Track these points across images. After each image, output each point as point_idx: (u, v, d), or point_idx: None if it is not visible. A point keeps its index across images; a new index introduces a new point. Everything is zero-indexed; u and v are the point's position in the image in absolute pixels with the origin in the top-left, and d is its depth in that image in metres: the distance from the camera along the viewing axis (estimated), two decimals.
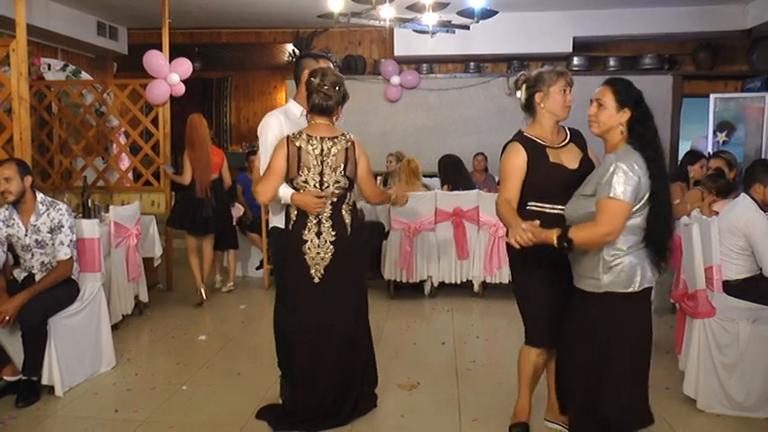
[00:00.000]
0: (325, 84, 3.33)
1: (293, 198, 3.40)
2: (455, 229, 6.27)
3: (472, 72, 9.83)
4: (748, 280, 4.04)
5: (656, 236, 2.75)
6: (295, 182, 3.41)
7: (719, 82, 9.81)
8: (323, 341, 3.46)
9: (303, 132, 3.41)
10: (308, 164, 3.38)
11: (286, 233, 3.50)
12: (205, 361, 4.61)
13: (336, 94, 3.38)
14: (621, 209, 2.67)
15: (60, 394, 3.91)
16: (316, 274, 3.44)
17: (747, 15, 8.61)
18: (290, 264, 3.48)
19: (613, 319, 2.78)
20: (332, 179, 3.41)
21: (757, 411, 3.60)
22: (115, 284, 5.18)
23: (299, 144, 3.37)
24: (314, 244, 3.43)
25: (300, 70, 3.72)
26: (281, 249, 3.56)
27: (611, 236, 2.69)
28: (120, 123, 7.19)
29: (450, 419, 3.66)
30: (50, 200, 4.13)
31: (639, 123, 2.77)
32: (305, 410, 3.48)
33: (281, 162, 3.37)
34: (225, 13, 8.94)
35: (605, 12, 8.92)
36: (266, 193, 3.40)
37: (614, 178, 2.67)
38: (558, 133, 3.16)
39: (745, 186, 4.23)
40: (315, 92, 3.35)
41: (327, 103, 3.37)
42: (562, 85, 3.09)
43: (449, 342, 5.05)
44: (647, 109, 2.80)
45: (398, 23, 6.04)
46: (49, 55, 8.36)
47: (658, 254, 2.78)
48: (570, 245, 2.71)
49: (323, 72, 3.38)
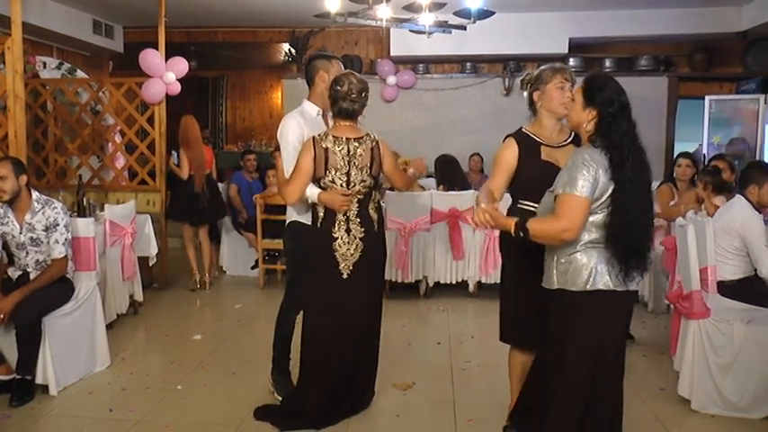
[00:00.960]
0: (352, 92, 3.44)
1: (320, 197, 3.47)
2: (450, 229, 6.27)
3: (468, 72, 9.83)
4: (743, 281, 4.06)
5: (616, 241, 2.59)
6: (322, 181, 3.48)
7: (715, 84, 9.82)
8: (344, 336, 3.53)
9: (329, 134, 3.49)
10: (336, 164, 3.46)
11: (314, 231, 3.55)
12: (200, 360, 4.61)
13: (362, 99, 3.50)
14: (579, 204, 2.56)
15: (54, 393, 3.90)
16: (345, 269, 3.51)
17: (742, 18, 8.64)
18: (319, 260, 3.53)
19: (564, 318, 2.70)
20: (358, 178, 3.50)
21: (751, 412, 3.61)
22: (110, 283, 5.16)
23: (326, 145, 3.45)
24: (344, 240, 3.50)
25: (314, 71, 3.77)
26: (308, 246, 3.60)
27: (569, 233, 2.58)
28: (115, 122, 7.17)
29: (445, 419, 3.66)
30: (46, 198, 4.12)
31: (605, 125, 2.62)
32: (314, 406, 3.51)
33: (309, 163, 3.44)
34: (221, 12, 8.93)
35: (601, 13, 8.93)
36: (294, 193, 3.48)
37: (571, 173, 2.59)
38: (559, 132, 3.14)
39: (741, 188, 4.25)
40: (342, 99, 3.45)
41: (353, 108, 3.49)
42: (558, 82, 3.07)
43: (444, 342, 5.05)
44: (619, 112, 2.61)
45: (395, 23, 6.04)
46: (45, 53, 8.33)
47: (622, 259, 2.59)
48: (526, 235, 2.66)
49: (348, 79, 3.47)
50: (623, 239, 2.58)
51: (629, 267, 2.60)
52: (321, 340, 3.52)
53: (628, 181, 2.56)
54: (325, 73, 3.73)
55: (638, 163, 2.61)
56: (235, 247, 7.47)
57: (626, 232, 2.58)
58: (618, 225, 2.58)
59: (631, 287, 2.67)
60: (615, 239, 2.59)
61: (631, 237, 2.59)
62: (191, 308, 6.10)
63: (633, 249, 2.60)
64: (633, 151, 2.60)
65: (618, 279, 2.62)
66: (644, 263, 2.64)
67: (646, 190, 2.67)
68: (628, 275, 2.61)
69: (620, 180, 2.56)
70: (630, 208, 2.56)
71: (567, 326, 2.69)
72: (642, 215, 2.63)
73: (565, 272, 2.67)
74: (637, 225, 2.59)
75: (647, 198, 2.68)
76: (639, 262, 2.62)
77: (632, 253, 2.60)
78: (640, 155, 2.63)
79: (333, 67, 3.76)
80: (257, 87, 14.51)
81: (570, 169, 2.61)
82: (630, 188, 2.57)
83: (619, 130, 2.59)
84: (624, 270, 2.60)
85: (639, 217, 2.60)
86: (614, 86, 2.67)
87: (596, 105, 2.65)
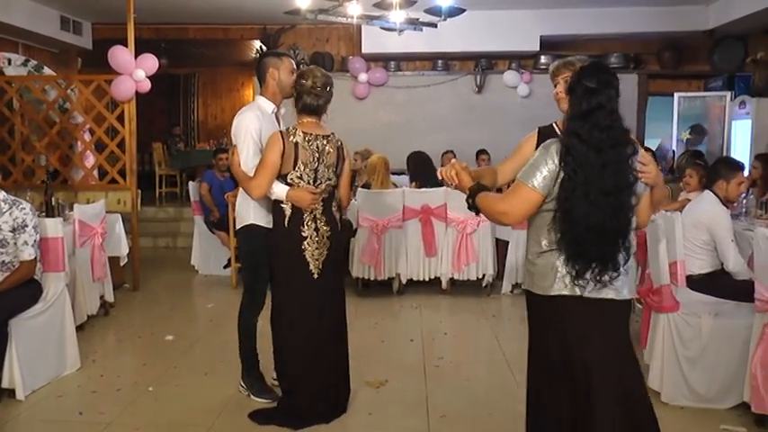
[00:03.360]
0: (317, 85, 3.44)
1: (289, 194, 3.44)
2: (423, 226, 6.29)
3: (440, 70, 9.86)
4: (710, 275, 4.13)
5: (565, 242, 2.36)
6: (289, 177, 3.45)
7: (683, 81, 10.00)
8: (321, 336, 3.54)
9: (298, 129, 3.46)
10: (305, 160, 3.43)
11: (281, 230, 3.51)
12: (172, 361, 4.56)
13: (327, 94, 3.52)
14: (528, 195, 2.40)
15: (22, 397, 3.82)
16: (315, 269, 3.50)
17: (709, 16, 8.79)
18: (287, 261, 3.50)
19: (532, 319, 2.61)
20: (325, 176, 3.50)
21: (718, 403, 3.68)
22: (80, 284, 5.08)
23: (296, 140, 3.42)
24: (313, 239, 3.49)
25: (264, 68, 3.77)
26: (275, 247, 3.56)
27: (506, 217, 2.46)
28: (84, 120, 7.07)
29: (418, 416, 3.67)
30: (13, 198, 4.01)
31: (572, 119, 2.42)
32: (308, 406, 3.53)
33: (276, 158, 3.41)
34: (192, 8, 8.85)
35: (572, 11, 9.02)
36: (261, 187, 3.44)
37: (534, 163, 2.43)
38: None
39: (709, 183, 4.31)
40: (306, 93, 3.45)
41: (318, 103, 3.48)
42: (564, 77, 2.88)
43: (417, 339, 5.06)
44: (583, 96, 2.36)
45: (366, 21, 6.04)
46: (10, 49, 8.18)
47: (569, 261, 2.36)
48: (473, 202, 2.59)
49: (313, 73, 3.47)
50: (567, 240, 2.36)
51: (582, 271, 2.35)
52: (300, 341, 3.51)
53: (578, 183, 2.32)
54: (275, 70, 3.73)
55: (598, 156, 2.32)
56: (206, 247, 7.40)
57: (567, 230, 2.35)
58: (562, 223, 2.36)
59: (604, 294, 2.37)
60: (562, 240, 2.37)
61: (575, 237, 2.34)
62: (162, 308, 6.03)
63: (580, 251, 2.34)
64: (592, 143, 2.32)
65: (580, 284, 2.37)
66: (601, 267, 2.34)
67: (607, 190, 2.32)
68: (582, 279, 2.35)
69: (570, 179, 2.33)
70: (572, 208, 2.33)
71: (533, 326, 2.61)
72: (595, 214, 2.31)
73: (532, 273, 2.50)
74: (581, 224, 2.32)
75: (606, 197, 2.32)
76: (592, 266, 2.34)
77: (579, 255, 2.34)
78: (602, 149, 2.32)
79: (283, 64, 3.76)
80: (229, 85, 14.43)
81: (536, 158, 2.44)
82: (578, 182, 2.32)
83: (586, 129, 2.33)
84: (579, 274, 2.35)
85: (588, 216, 2.31)
86: (588, 70, 2.42)
87: (570, 93, 2.45)
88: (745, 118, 8.03)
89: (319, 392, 3.55)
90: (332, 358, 3.60)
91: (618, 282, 2.39)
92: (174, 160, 11.51)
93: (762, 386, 3.29)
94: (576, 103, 2.40)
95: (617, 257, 2.37)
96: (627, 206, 2.37)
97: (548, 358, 2.51)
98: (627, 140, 2.41)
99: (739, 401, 3.60)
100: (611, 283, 2.37)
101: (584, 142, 2.33)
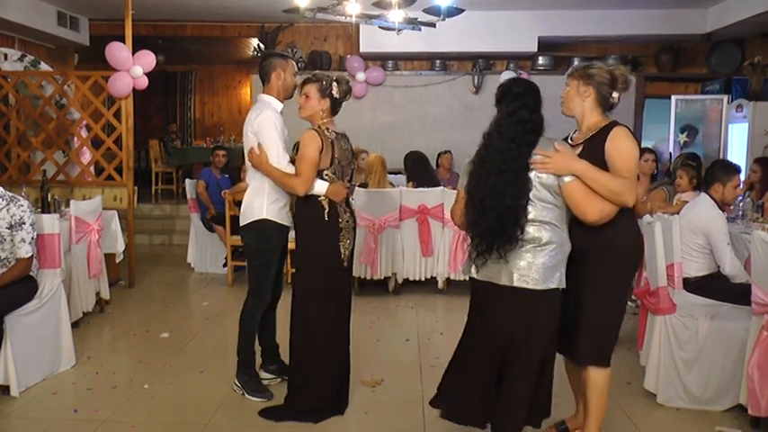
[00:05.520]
0: (350, 92, 3.73)
1: (328, 189, 3.55)
2: (420, 226, 6.28)
3: (438, 70, 9.86)
4: (707, 277, 4.14)
5: (467, 221, 2.82)
6: (325, 173, 3.57)
7: (680, 84, 10.03)
8: (342, 323, 3.69)
9: (329, 128, 3.63)
10: (339, 157, 3.62)
11: (321, 223, 3.58)
12: (168, 359, 4.55)
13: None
14: (457, 200, 2.96)
15: (16, 394, 3.81)
16: (345, 258, 3.65)
17: (707, 20, 8.82)
18: (327, 252, 3.60)
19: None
20: (348, 172, 3.73)
21: (714, 404, 3.69)
22: (75, 281, 5.07)
23: (332, 138, 3.58)
24: (347, 230, 3.65)
25: (271, 68, 3.79)
26: (313, 239, 3.61)
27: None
28: (81, 116, 7.04)
29: (414, 416, 3.67)
30: (11, 195, 3.99)
31: (500, 118, 2.83)
32: (324, 395, 3.61)
33: (317, 153, 3.52)
34: (189, 5, 8.83)
35: (571, 12, 9.03)
36: (307, 183, 3.52)
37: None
38: (582, 131, 3.02)
39: (706, 186, 4.32)
40: (343, 96, 3.69)
41: (341, 104, 3.73)
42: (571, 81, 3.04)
43: (413, 339, 5.06)
44: (504, 120, 2.77)
45: (364, 20, 6.03)
46: (6, 45, 8.15)
47: (473, 245, 2.80)
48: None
49: (346, 79, 3.73)
50: (468, 220, 2.81)
51: (474, 252, 2.79)
52: (329, 326, 3.62)
53: (474, 176, 2.79)
54: (282, 71, 3.78)
55: (494, 150, 2.74)
56: (202, 244, 7.39)
57: (467, 216, 2.82)
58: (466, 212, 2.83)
59: (480, 276, 2.84)
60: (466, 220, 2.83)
61: (471, 220, 2.79)
62: (158, 306, 6.02)
63: (475, 230, 2.78)
64: (492, 138, 2.76)
65: (476, 264, 2.83)
66: (484, 246, 2.74)
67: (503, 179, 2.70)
68: (473, 258, 2.81)
69: (471, 175, 2.81)
70: (473, 194, 2.79)
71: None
72: (483, 200, 2.73)
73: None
74: (475, 208, 2.76)
75: (494, 185, 2.71)
76: (475, 242, 2.79)
77: (474, 233, 2.78)
78: (499, 141, 2.73)
79: (288, 65, 3.83)
80: (226, 82, 14.41)
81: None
82: (477, 175, 2.78)
83: (492, 129, 2.79)
84: (471, 254, 2.82)
85: (479, 200, 2.75)
86: (517, 80, 2.90)
87: (501, 100, 2.88)
88: (741, 121, 8.05)
89: (334, 383, 3.63)
90: (346, 344, 3.73)
91: (496, 266, 2.76)
92: (170, 157, 11.48)
93: (758, 388, 3.30)
94: (505, 106, 2.80)
95: (500, 238, 2.69)
96: (514, 186, 2.69)
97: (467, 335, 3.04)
98: (537, 132, 2.76)
99: (735, 403, 3.62)
100: (486, 265, 2.78)
101: (501, 135, 2.73)
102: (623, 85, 2.95)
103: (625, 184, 2.76)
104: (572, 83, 2.99)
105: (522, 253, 2.72)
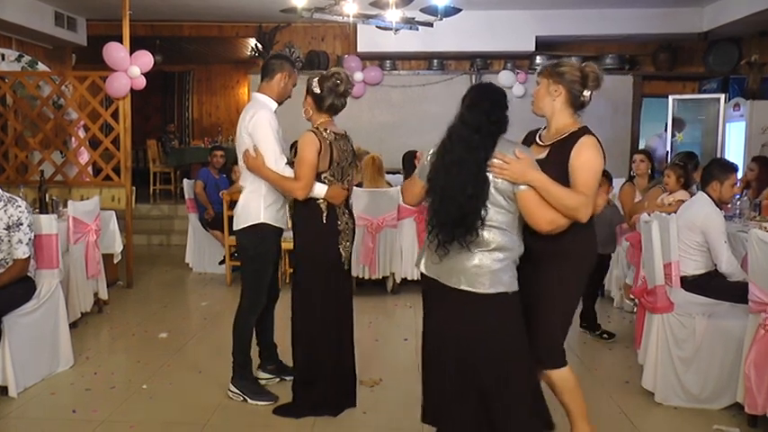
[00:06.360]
0: (348, 90, 3.59)
1: (327, 192, 3.52)
2: (418, 225, 6.28)
3: (435, 69, 9.87)
4: (704, 276, 4.14)
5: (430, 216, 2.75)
6: (323, 176, 3.53)
7: (678, 83, 10.04)
8: (347, 322, 3.70)
9: (327, 129, 3.56)
10: (338, 159, 3.57)
11: (320, 226, 3.57)
12: (166, 359, 4.55)
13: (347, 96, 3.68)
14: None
15: (14, 395, 3.80)
16: (345, 260, 3.66)
17: (704, 19, 8.83)
18: (326, 254, 3.59)
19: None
20: (347, 173, 3.68)
21: (711, 403, 3.70)
22: (74, 281, 5.07)
23: (330, 140, 3.53)
24: (345, 232, 3.63)
25: (279, 69, 3.76)
26: (313, 242, 3.60)
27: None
28: (78, 116, 7.04)
29: (412, 416, 3.65)
30: (9, 196, 3.99)
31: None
32: (335, 391, 3.64)
33: (315, 156, 3.48)
34: (187, 5, 8.82)
35: (568, 11, 9.04)
36: (309, 186, 3.50)
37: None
38: (551, 132, 2.93)
39: (703, 184, 4.33)
40: (337, 95, 3.56)
41: (341, 104, 3.62)
42: (541, 79, 2.97)
43: (411, 338, 5.05)
44: (468, 112, 2.73)
45: (362, 19, 6.03)
46: (3, 45, 8.14)
47: (434, 234, 2.72)
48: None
49: (341, 76, 3.57)
50: (429, 214, 2.76)
51: (435, 243, 2.72)
52: (331, 327, 3.63)
53: (438, 156, 2.75)
54: (287, 77, 3.77)
55: (457, 139, 2.71)
56: (201, 244, 7.39)
57: (429, 207, 2.76)
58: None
59: (429, 272, 2.86)
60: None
61: (432, 209, 2.73)
62: (156, 306, 6.02)
63: (434, 221, 2.72)
64: (455, 128, 2.73)
65: (423, 258, 2.88)
66: (441, 240, 2.69)
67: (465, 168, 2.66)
68: (436, 251, 2.74)
69: (432, 168, 2.77)
70: (435, 182, 2.73)
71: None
72: (445, 188, 2.69)
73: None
74: (437, 197, 2.72)
75: (457, 175, 2.67)
76: (432, 235, 2.74)
77: (433, 226, 2.72)
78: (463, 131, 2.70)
79: (293, 74, 3.83)
80: (223, 82, 14.40)
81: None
82: (439, 164, 2.73)
83: (455, 127, 2.74)
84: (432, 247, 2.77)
85: (441, 188, 2.70)
86: (489, 85, 2.84)
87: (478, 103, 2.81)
88: (739, 120, 8.07)
89: (342, 380, 3.67)
90: (350, 342, 3.73)
91: (447, 264, 2.72)
92: (168, 157, 11.48)
93: (755, 387, 3.30)
94: (469, 100, 2.77)
95: (461, 228, 2.62)
96: (475, 176, 2.63)
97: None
98: (501, 125, 2.71)
99: (732, 402, 3.62)
100: (439, 262, 2.74)
101: (465, 124, 2.69)
102: (594, 83, 2.85)
103: (581, 201, 2.68)
104: (542, 81, 2.91)
105: (470, 255, 2.66)
